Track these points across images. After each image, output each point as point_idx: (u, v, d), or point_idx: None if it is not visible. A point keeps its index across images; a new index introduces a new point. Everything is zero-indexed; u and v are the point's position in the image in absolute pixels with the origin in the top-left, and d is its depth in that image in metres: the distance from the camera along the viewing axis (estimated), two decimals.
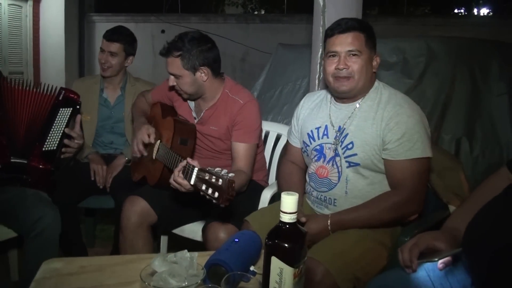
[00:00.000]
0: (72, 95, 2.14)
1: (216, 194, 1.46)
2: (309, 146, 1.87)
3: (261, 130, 2.22)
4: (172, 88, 2.14)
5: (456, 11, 7.87)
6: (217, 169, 1.51)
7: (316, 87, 2.51)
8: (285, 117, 3.43)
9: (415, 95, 2.96)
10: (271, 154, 2.51)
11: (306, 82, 3.47)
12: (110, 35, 2.69)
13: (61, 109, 2.11)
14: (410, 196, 1.64)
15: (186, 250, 1.24)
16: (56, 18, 7.40)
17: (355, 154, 1.72)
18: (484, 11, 7.77)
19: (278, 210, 1.07)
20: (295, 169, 1.99)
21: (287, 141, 2.09)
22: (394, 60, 3.17)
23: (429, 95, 3.02)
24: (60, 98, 2.11)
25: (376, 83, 1.81)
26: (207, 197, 1.50)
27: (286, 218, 1.03)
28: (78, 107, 2.16)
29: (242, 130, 2.07)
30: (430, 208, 1.86)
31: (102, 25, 7.68)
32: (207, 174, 1.52)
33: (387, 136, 1.67)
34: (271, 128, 2.58)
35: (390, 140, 1.66)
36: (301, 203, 1.86)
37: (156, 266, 1.19)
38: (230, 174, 1.46)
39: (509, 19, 6.28)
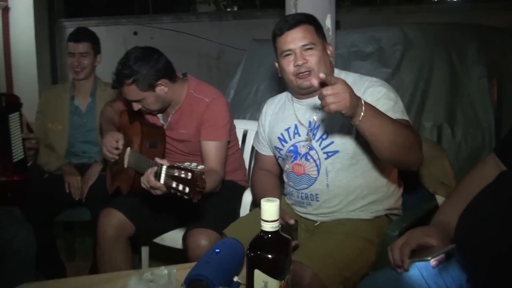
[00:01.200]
0: (13, 98, 2.10)
1: (187, 189, 1.42)
2: (282, 149, 1.82)
3: (231, 127, 2.15)
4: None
5: None
6: (186, 163, 1.45)
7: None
8: None
9: (393, 84, 2.80)
10: (250, 153, 2.43)
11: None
12: (76, 36, 2.61)
13: (9, 115, 2.04)
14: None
15: (163, 267, 1.16)
16: (26, 25, 7.19)
17: (332, 142, 1.68)
18: None
19: (258, 219, 0.99)
20: (267, 176, 1.93)
21: (256, 150, 2.02)
22: (370, 49, 3.12)
23: (408, 83, 2.97)
24: (4, 104, 2.04)
25: (336, 70, 1.79)
26: (179, 194, 1.44)
27: (267, 227, 0.95)
28: (21, 108, 2.11)
29: (210, 128, 2.01)
30: (416, 200, 1.81)
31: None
32: (176, 170, 1.47)
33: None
34: (249, 126, 2.50)
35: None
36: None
37: (132, 286, 1.10)
38: (200, 167, 1.41)
39: (481, 2, 6.28)
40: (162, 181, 1.55)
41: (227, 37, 7.47)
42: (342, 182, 1.68)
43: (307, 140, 1.74)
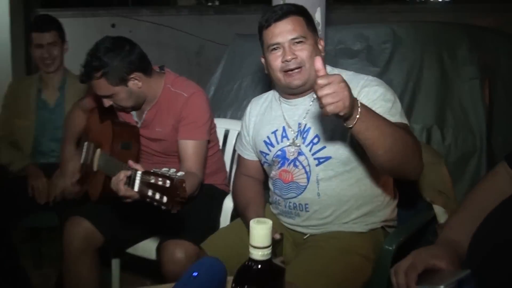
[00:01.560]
0: None
1: (165, 199, 1.26)
2: (268, 154, 1.66)
3: (211, 125, 1.99)
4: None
5: None
6: (164, 169, 1.30)
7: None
8: None
9: None
10: (232, 154, 2.28)
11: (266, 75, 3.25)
12: (42, 25, 2.42)
13: None
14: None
15: None
16: (1, 16, 6.90)
17: (324, 147, 1.53)
18: None
19: (239, 232, 0.85)
20: (250, 182, 1.78)
21: (238, 154, 1.86)
22: (358, 47, 2.99)
23: (397, 83, 2.85)
24: None
25: (329, 67, 1.63)
26: (155, 203, 1.28)
27: (257, 255, 0.79)
28: None
29: (189, 126, 1.85)
30: (411, 209, 1.68)
31: None
32: (152, 176, 1.31)
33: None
34: (231, 126, 2.35)
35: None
36: (262, 211, 1.65)
37: None
38: (180, 173, 1.26)
39: (466, 3, 6.24)
40: (136, 188, 1.39)
41: (208, 32, 7.27)
42: (334, 191, 1.53)
43: (296, 145, 1.58)
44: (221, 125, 2.30)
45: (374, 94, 1.48)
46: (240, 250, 1.56)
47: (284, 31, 1.54)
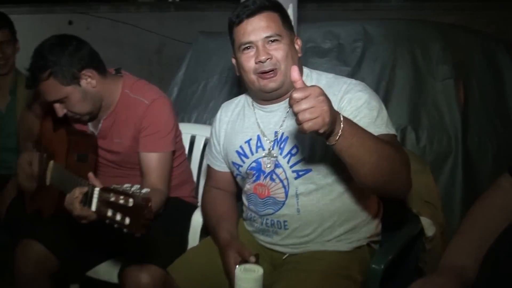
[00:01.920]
0: None
1: (127, 220, 1.11)
2: (242, 166, 1.51)
3: (176, 133, 1.82)
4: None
5: None
6: (126, 185, 1.15)
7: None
8: (212, 115, 3.00)
9: None
10: (199, 163, 2.11)
11: (233, 74, 3.09)
12: None
13: None
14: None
15: None
16: None
17: (303, 159, 1.39)
18: None
19: (210, 252, 0.71)
20: (221, 196, 1.63)
21: (208, 165, 1.69)
22: (328, 46, 2.88)
23: (369, 83, 2.67)
24: None
25: (306, 70, 1.50)
26: (116, 225, 1.14)
27: None
28: None
29: (151, 137, 1.69)
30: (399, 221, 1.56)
31: None
32: (112, 194, 1.16)
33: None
34: (197, 131, 2.19)
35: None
36: (235, 229, 1.50)
37: None
38: (144, 190, 1.12)
39: (429, 2, 6.26)
40: (93, 207, 1.23)
41: (169, 30, 7.04)
42: (315, 207, 1.40)
43: (273, 156, 1.44)
44: (187, 130, 2.14)
45: (358, 101, 1.35)
46: (211, 274, 1.42)
47: (257, 29, 1.40)
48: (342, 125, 1.10)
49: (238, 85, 2.85)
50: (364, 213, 1.46)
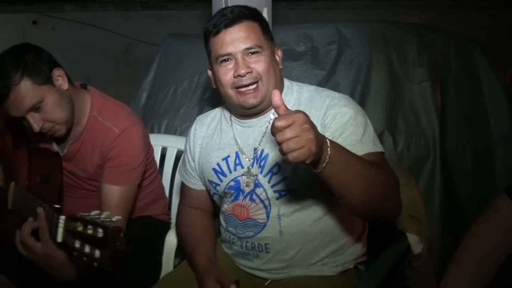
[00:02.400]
0: None
1: (97, 253, 0.99)
2: (219, 185, 1.39)
3: (149, 158, 1.70)
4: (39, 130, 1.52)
5: None
6: (93, 212, 1.03)
7: None
8: (183, 122, 2.92)
9: (328, 88, 2.59)
10: (171, 176, 1.99)
11: (204, 79, 2.98)
12: None
13: None
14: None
15: None
16: None
17: (285, 178, 1.28)
18: None
19: (186, 278, 0.65)
20: (197, 217, 1.51)
21: (182, 182, 1.57)
22: (302, 49, 2.80)
23: (344, 86, 2.70)
24: None
25: (286, 82, 1.40)
26: (85, 258, 1.02)
27: None
28: None
29: (117, 169, 1.54)
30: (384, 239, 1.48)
31: None
32: (79, 223, 1.04)
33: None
34: (169, 142, 2.07)
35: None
36: (213, 252, 1.39)
37: None
38: (115, 218, 1.01)
39: (397, 0, 6.27)
40: (59, 238, 1.12)
41: (136, 29, 6.86)
42: (299, 228, 1.31)
43: (252, 174, 1.33)
44: (157, 142, 2.01)
45: (343, 117, 1.26)
46: None
47: (236, 40, 1.29)
48: (329, 151, 1.01)
49: (213, 94, 2.75)
50: (349, 234, 1.38)
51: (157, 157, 1.97)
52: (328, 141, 1.02)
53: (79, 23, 6.28)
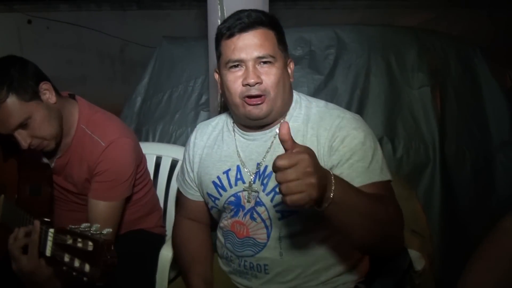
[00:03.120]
0: None
1: (87, 267, 0.97)
2: (219, 199, 1.34)
3: (134, 175, 1.62)
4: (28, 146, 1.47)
5: None
6: (83, 225, 1.00)
7: (218, 96, 1.97)
8: (178, 127, 2.87)
9: (326, 93, 2.59)
10: (166, 187, 1.94)
11: (200, 83, 2.94)
12: None
13: None
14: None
15: None
16: None
17: None
18: None
19: None
20: (194, 230, 1.46)
21: (179, 191, 1.51)
22: (300, 53, 2.75)
23: (342, 91, 2.66)
24: None
25: (296, 95, 1.34)
26: (74, 273, 0.99)
27: None
28: None
29: (104, 184, 1.49)
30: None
31: None
32: (69, 236, 1.02)
33: (332, 160, 1.21)
34: (163, 151, 2.01)
35: (336, 163, 1.20)
36: (210, 271, 1.34)
37: None
38: (106, 230, 0.98)
39: (395, 0, 6.24)
40: (48, 252, 1.08)
41: (132, 28, 6.81)
42: (301, 251, 1.25)
43: (254, 190, 1.28)
44: (151, 150, 1.96)
45: (352, 141, 1.21)
46: None
47: (249, 46, 1.22)
48: (333, 192, 0.96)
49: (209, 99, 2.69)
50: (352, 257, 1.33)
51: (152, 166, 1.92)
52: (333, 180, 0.97)
53: (73, 20, 6.25)
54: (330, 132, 1.22)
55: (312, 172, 0.90)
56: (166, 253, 1.59)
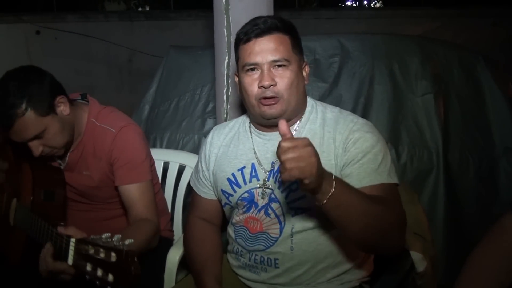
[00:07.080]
0: None
1: (111, 277, 0.98)
2: (232, 196, 1.39)
3: (151, 161, 1.69)
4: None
5: (348, 3, 7.86)
6: (104, 235, 1.02)
7: (224, 103, 2.01)
8: (185, 134, 2.91)
9: (331, 100, 2.63)
10: (173, 192, 1.98)
11: (207, 91, 2.98)
12: None
13: None
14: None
15: None
16: None
17: (304, 197, 1.28)
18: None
19: None
20: (208, 231, 1.50)
21: (193, 191, 1.56)
22: None
23: (347, 99, 2.69)
24: None
25: (311, 100, 1.41)
26: (98, 282, 1.00)
27: None
28: None
29: (124, 168, 1.56)
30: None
31: None
32: (90, 246, 1.03)
33: (344, 160, 1.28)
34: (170, 157, 2.05)
35: (348, 162, 1.27)
36: (220, 272, 1.38)
37: None
38: (128, 241, 0.99)
39: (400, 10, 6.30)
40: (70, 261, 1.10)
41: (139, 39, 6.90)
42: (311, 246, 1.30)
43: (268, 187, 1.34)
44: (159, 156, 2.00)
45: (363, 143, 1.28)
46: None
47: (264, 50, 1.30)
48: (334, 183, 1.06)
49: (215, 107, 2.73)
50: (360, 254, 1.37)
51: (159, 172, 1.97)
52: (334, 178, 1.06)
53: (82, 30, 6.33)
54: (344, 135, 1.29)
55: (311, 151, 1.01)
56: (173, 255, 1.63)
